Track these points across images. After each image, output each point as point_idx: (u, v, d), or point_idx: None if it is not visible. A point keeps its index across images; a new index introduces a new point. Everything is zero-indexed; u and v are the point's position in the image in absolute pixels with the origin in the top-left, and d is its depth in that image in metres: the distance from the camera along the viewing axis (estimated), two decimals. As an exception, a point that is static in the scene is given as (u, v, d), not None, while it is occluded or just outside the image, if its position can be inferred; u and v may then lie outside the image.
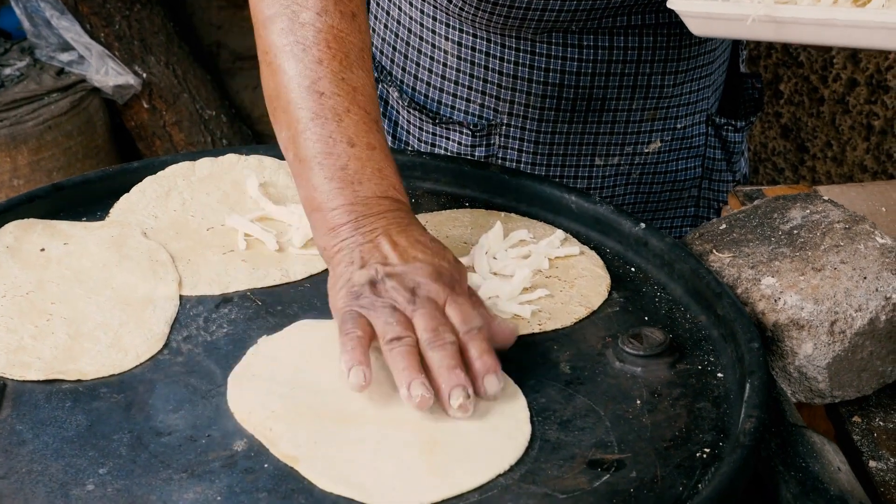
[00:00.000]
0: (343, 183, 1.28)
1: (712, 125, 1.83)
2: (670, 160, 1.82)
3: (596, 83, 1.69)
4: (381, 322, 1.19)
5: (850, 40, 1.30)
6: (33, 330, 1.29)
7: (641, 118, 1.74)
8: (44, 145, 3.19)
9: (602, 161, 1.77)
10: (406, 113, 1.81)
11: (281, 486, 1.09)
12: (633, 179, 1.81)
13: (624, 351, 1.26)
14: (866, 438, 1.32)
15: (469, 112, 1.76)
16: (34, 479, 1.10)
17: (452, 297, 1.22)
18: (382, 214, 1.28)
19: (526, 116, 1.73)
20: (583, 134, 1.74)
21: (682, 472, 1.11)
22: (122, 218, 1.49)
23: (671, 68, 1.71)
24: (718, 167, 1.88)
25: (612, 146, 1.76)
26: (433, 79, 1.77)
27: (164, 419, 1.18)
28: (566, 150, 1.76)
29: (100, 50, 3.33)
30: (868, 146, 3.16)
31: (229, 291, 1.37)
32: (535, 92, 1.70)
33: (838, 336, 1.30)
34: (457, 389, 1.15)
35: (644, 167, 1.81)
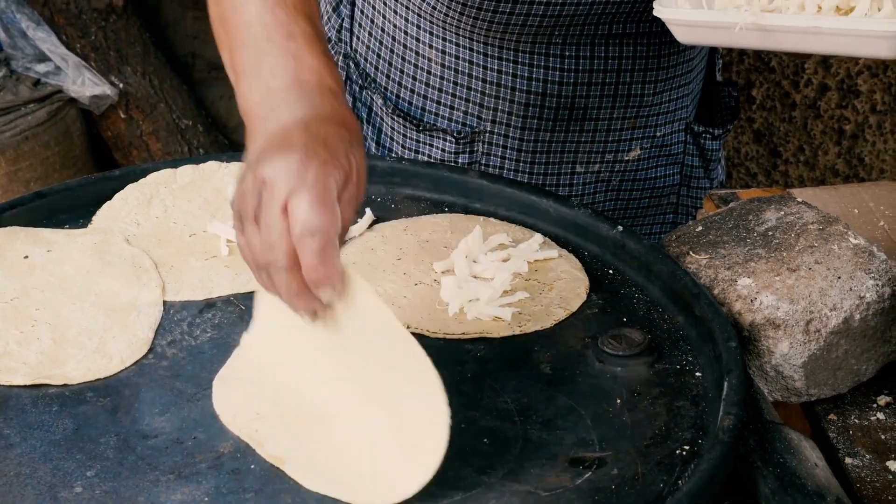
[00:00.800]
0: (258, 77, 1.25)
1: (691, 133, 1.85)
2: (649, 167, 1.84)
3: (578, 92, 1.71)
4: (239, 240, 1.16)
5: (835, 48, 1.33)
6: (18, 336, 1.30)
7: (622, 126, 1.76)
8: (21, 156, 3.19)
9: (583, 168, 1.79)
10: (390, 120, 1.83)
11: (268, 486, 1.11)
12: (613, 186, 1.83)
13: (604, 351, 1.28)
14: (842, 436, 1.34)
15: (453, 119, 1.78)
16: (22, 482, 1.11)
17: (295, 193, 1.11)
18: (287, 102, 1.22)
19: (509, 124, 1.75)
20: (564, 142, 1.76)
21: (663, 468, 1.13)
22: (104, 225, 1.50)
23: (651, 77, 1.73)
24: (696, 174, 1.90)
25: (593, 154, 1.78)
26: (417, 86, 1.78)
27: (150, 422, 1.19)
28: (548, 157, 1.78)
29: (76, 61, 3.33)
30: (839, 150, 3.20)
31: (212, 297, 1.38)
32: (519, 100, 1.72)
33: (814, 335, 1.32)
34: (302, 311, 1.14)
35: (624, 174, 1.83)
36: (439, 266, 1.42)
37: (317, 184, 1.11)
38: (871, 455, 1.31)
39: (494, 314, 1.34)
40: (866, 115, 3.13)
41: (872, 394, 1.40)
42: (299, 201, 1.10)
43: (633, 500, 1.09)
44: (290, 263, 1.10)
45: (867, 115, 3.13)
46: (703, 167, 1.91)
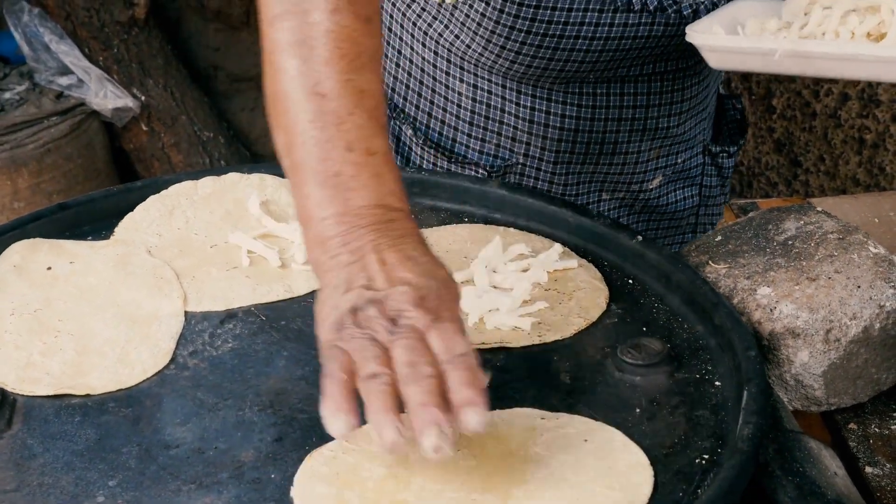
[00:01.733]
0: (335, 190, 1.17)
1: (708, 154, 1.86)
2: (670, 191, 1.86)
3: (609, 128, 1.73)
4: (359, 358, 1.09)
5: (872, 74, 1.34)
6: (42, 346, 1.31)
7: (647, 158, 1.79)
8: (44, 168, 3.21)
9: (609, 196, 1.82)
10: (420, 150, 1.82)
11: (288, 495, 1.11)
12: (636, 210, 1.86)
13: (623, 361, 1.29)
14: (862, 445, 1.34)
15: (484, 152, 1.78)
16: (45, 491, 1.12)
17: (436, 324, 1.11)
18: (375, 226, 1.17)
19: (542, 158, 1.76)
20: (593, 173, 1.79)
21: (682, 478, 1.13)
22: (126, 236, 1.51)
23: (676, 110, 1.75)
24: (714, 193, 1.91)
25: (620, 184, 1.81)
26: (448, 118, 1.78)
27: (171, 432, 1.20)
28: (577, 188, 1.80)
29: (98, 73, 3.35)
30: (860, 160, 3.19)
31: (233, 307, 1.39)
32: (552, 136, 1.73)
33: (833, 344, 1.32)
34: (428, 428, 1.03)
35: (647, 201, 1.85)
36: (459, 276, 1.42)
37: (455, 318, 1.13)
38: (891, 464, 1.31)
39: (514, 324, 1.34)
40: (887, 125, 3.12)
41: (893, 402, 1.40)
42: (445, 331, 1.10)
43: (652, 510, 1.09)
44: (434, 374, 1.07)
45: (888, 124, 3.12)
46: (720, 185, 1.92)
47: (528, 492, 1.10)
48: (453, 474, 1.13)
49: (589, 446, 1.17)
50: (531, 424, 1.20)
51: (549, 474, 1.13)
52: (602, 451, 1.16)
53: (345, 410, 1.06)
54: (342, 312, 1.12)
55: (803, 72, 1.37)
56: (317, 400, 1.23)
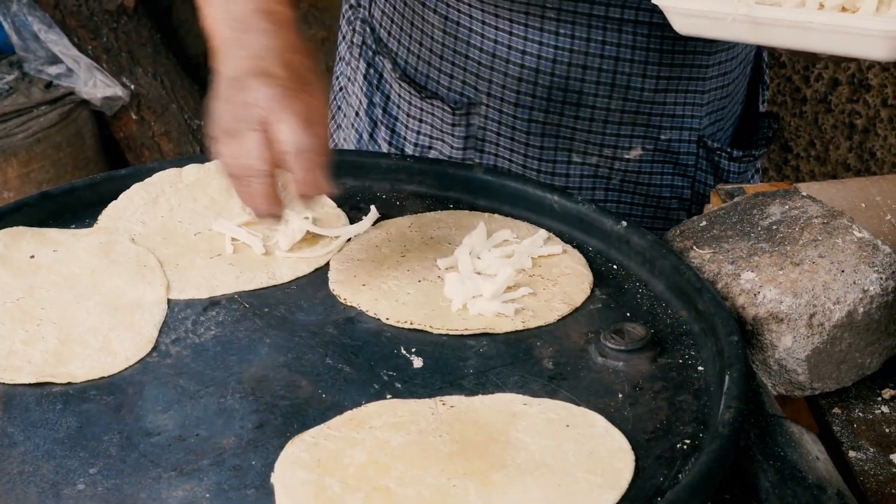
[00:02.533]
0: (224, 4, 1.35)
1: (704, 147, 1.83)
2: (654, 172, 1.82)
3: (572, 74, 1.70)
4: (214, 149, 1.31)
5: (828, 46, 1.30)
6: (24, 335, 1.31)
7: (620, 120, 1.75)
8: (33, 157, 3.21)
9: (580, 159, 1.78)
10: (398, 86, 1.84)
11: (268, 482, 1.11)
12: (614, 185, 1.82)
13: (606, 346, 1.28)
14: (846, 429, 1.34)
15: (451, 88, 1.78)
16: (25, 479, 1.12)
17: (279, 116, 1.27)
18: (252, 29, 1.33)
19: (502, 98, 1.75)
20: (559, 126, 1.75)
21: (663, 462, 1.13)
22: (110, 225, 1.50)
23: (651, 72, 1.72)
24: (709, 193, 1.86)
25: (590, 144, 1.77)
26: (422, 51, 1.80)
27: (153, 420, 1.20)
28: (542, 141, 1.77)
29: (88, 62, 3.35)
30: (851, 145, 3.19)
31: (217, 295, 1.39)
32: (512, 74, 1.71)
33: (817, 329, 1.32)
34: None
35: (625, 174, 1.81)
36: (443, 263, 1.42)
37: (303, 113, 1.28)
38: (874, 448, 1.31)
39: (497, 310, 1.34)
40: (877, 110, 3.12)
41: (877, 387, 1.39)
42: (287, 124, 1.27)
43: (632, 495, 1.09)
44: (268, 170, 1.27)
45: (878, 109, 3.12)
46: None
47: (508, 476, 1.10)
48: (434, 460, 1.12)
49: (571, 431, 1.17)
50: (513, 410, 1.20)
51: (530, 459, 1.12)
52: (584, 436, 1.16)
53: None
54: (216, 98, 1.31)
55: (762, 40, 1.34)
56: (299, 387, 1.24)
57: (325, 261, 1.45)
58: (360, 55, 1.92)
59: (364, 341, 1.31)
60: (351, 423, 1.18)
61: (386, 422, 1.18)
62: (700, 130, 1.80)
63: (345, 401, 1.22)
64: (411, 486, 1.09)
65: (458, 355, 1.29)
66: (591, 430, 1.17)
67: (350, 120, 1.94)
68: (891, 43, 1.25)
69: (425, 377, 1.26)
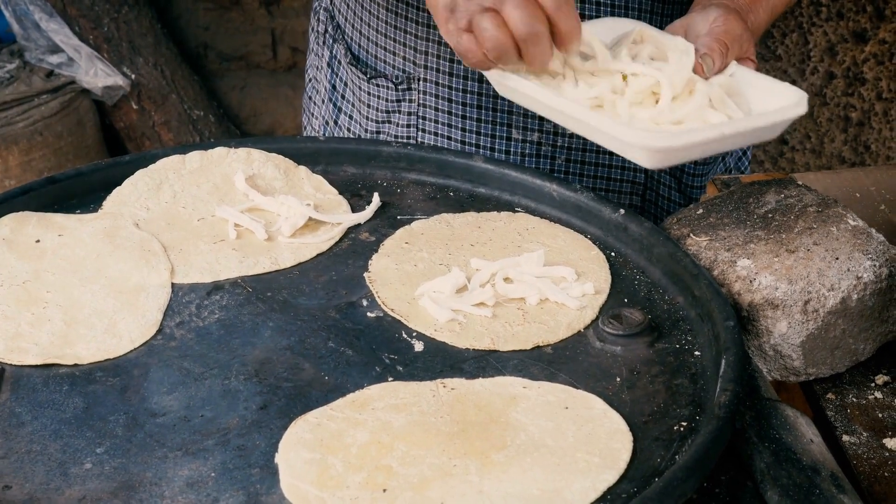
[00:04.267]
0: None
1: None
2: (601, 152, 1.80)
3: None
4: (480, 30, 1.33)
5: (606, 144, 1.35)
6: (30, 317, 1.33)
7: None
8: (34, 146, 3.22)
9: (520, 135, 1.79)
10: (350, 70, 1.88)
11: (273, 462, 1.13)
12: (559, 166, 1.81)
13: (604, 331, 1.30)
14: (840, 414, 1.36)
15: (394, 65, 1.82)
16: (33, 458, 1.14)
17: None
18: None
19: (438, 69, 1.77)
20: (496, 98, 1.76)
21: (660, 444, 1.15)
22: (114, 210, 1.52)
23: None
24: (665, 182, 1.85)
25: (529, 118, 1.77)
26: (370, 32, 1.84)
27: (158, 401, 1.22)
28: (479, 113, 1.78)
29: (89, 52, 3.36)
30: (846, 137, 3.21)
31: (220, 279, 1.41)
32: (445, 42, 1.72)
33: (811, 315, 1.34)
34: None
35: (570, 153, 1.80)
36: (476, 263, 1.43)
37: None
38: (868, 433, 1.33)
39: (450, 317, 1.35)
40: (872, 103, 3.14)
41: (871, 373, 1.41)
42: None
43: (630, 475, 1.11)
44: (548, 28, 1.33)
45: (873, 102, 3.14)
46: (677, 179, 1.86)
47: (507, 456, 1.12)
48: (435, 440, 1.14)
49: (569, 413, 1.19)
50: (513, 393, 1.22)
51: (529, 440, 1.14)
52: (582, 418, 1.18)
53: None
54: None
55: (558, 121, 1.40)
56: (302, 370, 1.26)
57: (326, 246, 1.47)
58: (323, 43, 1.96)
59: (366, 325, 1.33)
60: (353, 405, 1.20)
61: (388, 403, 1.20)
62: None
63: (347, 383, 1.24)
64: (413, 466, 1.11)
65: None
66: (589, 412, 1.19)
67: (319, 108, 1.96)
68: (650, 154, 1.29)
69: (426, 361, 1.28)
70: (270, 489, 1.10)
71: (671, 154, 1.30)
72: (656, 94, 1.38)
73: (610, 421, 1.18)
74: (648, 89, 1.38)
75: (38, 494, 1.10)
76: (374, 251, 1.46)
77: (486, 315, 1.34)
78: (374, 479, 1.10)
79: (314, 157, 1.63)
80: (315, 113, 2.01)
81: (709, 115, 1.36)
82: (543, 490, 1.09)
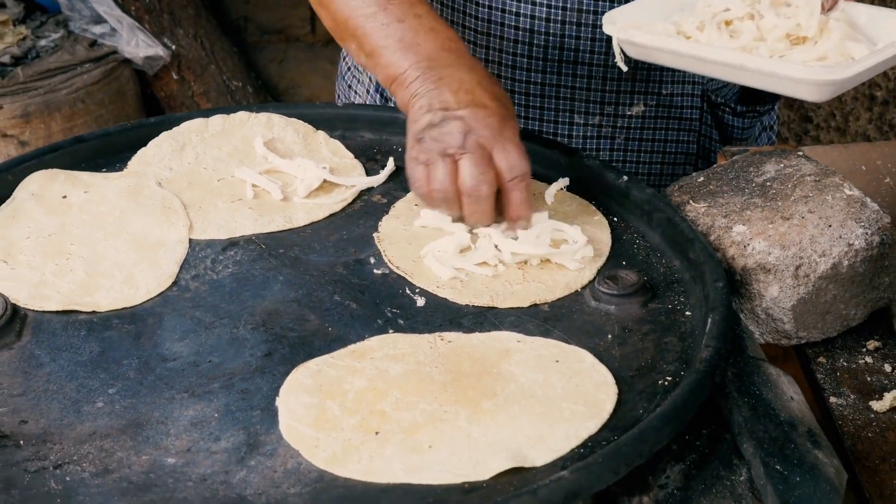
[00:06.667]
0: (405, 49, 1.49)
1: (708, 102, 1.88)
2: (658, 128, 1.86)
3: (566, 32, 1.75)
4: (433, 170, 1.40)
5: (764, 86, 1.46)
6: (54, 268, 1.40)
7: (620, 77, 1.79)
8: (76, 113, 3.30)
9: (582, 119, 1.84)
10: None
11: (273, 405, 1.19)
12: (619, 145, 1.86)
13: (600, 291, 1.35)
14: (829, 377, 1.40)
15: None
16: (49, 396, 1.21)
17: (501, 144, 1.39)
18: (446, 65, 1.46)
19: (500, 63, 1.80)
20: (558, 86, 1.81)
21: (644, 397, 1.20)
22: (139, 169, 1.59)
23: None
24: (715, 148, 1.91)
25: (591, 103, 1.82)
26: None
27: (170, 347, 1.28)
28: (543, 102, 1.83)
29: (130, 22, 3.43)
30: (871, 116, 3.22)
31: (236, 236, 1.47)
32: (507, 36, 1.77)
33: (802, 280, 1.38)
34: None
35: (629, 132, 1.86)
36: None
37: (515, 138, 1.42)
38: (855, 395, 1.37)
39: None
40: (899, 82, 3.15)
41: (863, 338, 1.45)
42: (508, 150, 1.40)
43: (612, 424, 1.16)
44: (492, 193, 1.40)
45: (900, 81, 3.15)
46: (724, 144, 1.92)
47: (496, 405, 1.18)
48: (428, 388, 1.20)
49: (560, 366, 1.24)
50: (507, 346, 1.27)
51: (519, 390, 1.20)
52: (572, 370, 1.23)
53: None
54: (421, 128, 1.42)
55: (706, 73, 1.49)
56: (307, 321, 1.32)
57: (339, 207, 1.53)
58: None
59: (371, 281, 1.39)
60: (353, 354, 1.26)
61: (386, 353, 1.25)
62: (703, 84, 1.85)
63: (350, 335, 1.30)
64: (406, 411, 1.17)
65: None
66: (579, 365, 1.24)
67: (362, 98, 2.00)
68: (819, 88, 1.39)
69: (427, 315, 1.33)
70: (269, 430, 1.16)
71: (839, 86, 1.41)
72: (790, 36, 1.49)
73: (598, 374, 1.23)
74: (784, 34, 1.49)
75: (52, 429, 1.17)
76: (386, 213, 1.52)
77: (487, 274, 1.39)
78: (367, 423, 1.16)
79: (332, 123, 1.68)
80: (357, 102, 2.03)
81: (850, 48, 1.43)
82: (528, 436, 1.14)
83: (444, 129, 1.40)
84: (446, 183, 1.40)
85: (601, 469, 1.06)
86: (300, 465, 1.12)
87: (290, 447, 1.14)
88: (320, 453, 1.13)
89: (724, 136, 1.92)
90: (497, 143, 1.40)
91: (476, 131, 1.39)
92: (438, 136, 1.40)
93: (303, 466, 1.12)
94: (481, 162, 1.39)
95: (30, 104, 3.25)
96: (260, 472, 1.12)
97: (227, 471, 1.12)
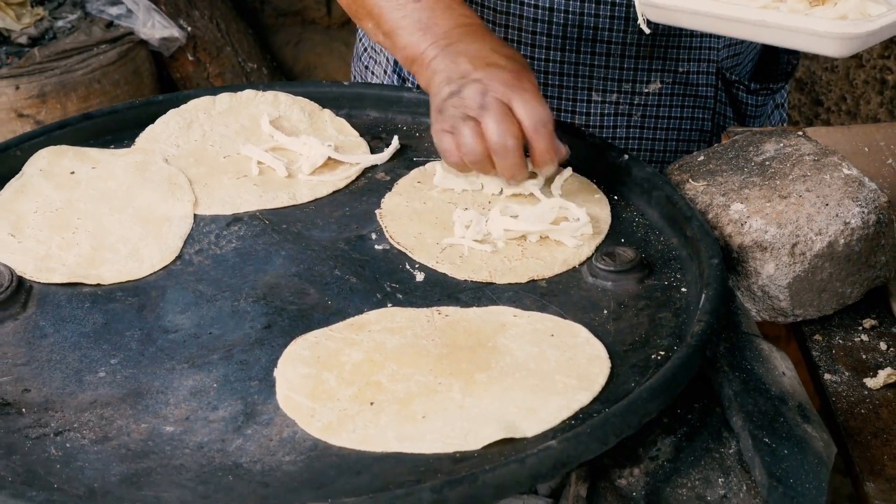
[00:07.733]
0: (422, 29, 1.53)
1: (722, 80, 1.89)
2: (674, 105, 1.88)
3: (585, 10, 1.76)
4: (459, 136, 1.43)
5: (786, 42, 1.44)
6: (60, 241, 1.42)
7: (637, 54, 1.80)
8: (92, 93, 3.33)
9: (599, 97, 1.85)
10: None
11: (271, 375, 1.21)
12: (635, 122, 1.87)
13: (597, 267, 1.37)
14: (825, 354, 1.41)
15: None
16: (52, 366, 1.24)
17: (520, 95, 1.42)
18: (462, 40, 1.50)
19: (519, 41, 1.81)
20: (577, 64, 1.82)
21: (637, 370, 1.22)
22: (146, 146, 1.61)
23: None
24: (729, 125, 1.92)
25: (609, 81, 1.83)
26: None
27: (172, 319, 1.31)
28: (561, 80, 1.83)
29: (147, 4, 3.45)
30: (882, 100, 3.22)
31: (240, 212, 1.49)
32: (527, 15, 1.77)
33: (799, 257, 1.39)
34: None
35: (645, 109, 1.87)
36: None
37: (533, 88, 1.45)
38: (850, 372, 1.38)
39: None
40: (910, 66, 3.15)
41: (860, 317, 1.46)
42: (527, 100, 1.42)
43: (604, 397, 1.18)
44: (519, 145, 1.42)
45: (911, 65, 3.15)
46: (738, 121, 1.93)
47: (490, 377, 1.20)
48: (424, 361, 1.22)
49: (554, 340, 1.25)
50: (503, 321, 1.29)
51: (513, 363, 1.22)
52: (566, 344, 1.25)
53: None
54: (442, 99, 1.46)
55: (728, 33, 1.48)
56: (307, 294, 1.34)
57: (343, 184, 1.55)
58: None
59: (372, 257, 1.41)
60: (351, 327, 1.28)
61: (384, 327, 1.27)
62: (718, 62, 1.86)
63: (349, 308, 1.32)
64: (401, 383, 1.19)
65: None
66: (573, 339, 1.26)
67: (379, 78, 2.01)
68: (843, 43, 1.38)
69: (425, 290, 1.35)
70: (267, 400, 1.19)
71: (863, 40, 1.40)
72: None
73: (591, 348, 1.25)
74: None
75: (54, 398, 1.19)
76: (389, 190, 1.54)
77: (486, 250, 1.41)
78: (363, 394, 1.18)
79: (338, 101, 1.70)
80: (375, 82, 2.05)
81: (870, 8, 1.44)
82: (520, 408, 1.16)
83: (463, 93, 1.43)
84: (474, 145, 1.43)
85: (589, 439, 1.08)
86: (295, 434, 1.15)
87: (287, 417, 1.17)
88: (315, 422, 1.15)
89: (738, 114, 1.94)
90: (516, 95, 1.42)
91: (493, 89, 1.42)
92: (458, 102, 1.44)
93: (298, 435, 1.14)
94: (503, 118, 1.41)
95: (46, 84, 3.27)
96: (256, 441, 1.14)
97: (223, 439, 1.14)
